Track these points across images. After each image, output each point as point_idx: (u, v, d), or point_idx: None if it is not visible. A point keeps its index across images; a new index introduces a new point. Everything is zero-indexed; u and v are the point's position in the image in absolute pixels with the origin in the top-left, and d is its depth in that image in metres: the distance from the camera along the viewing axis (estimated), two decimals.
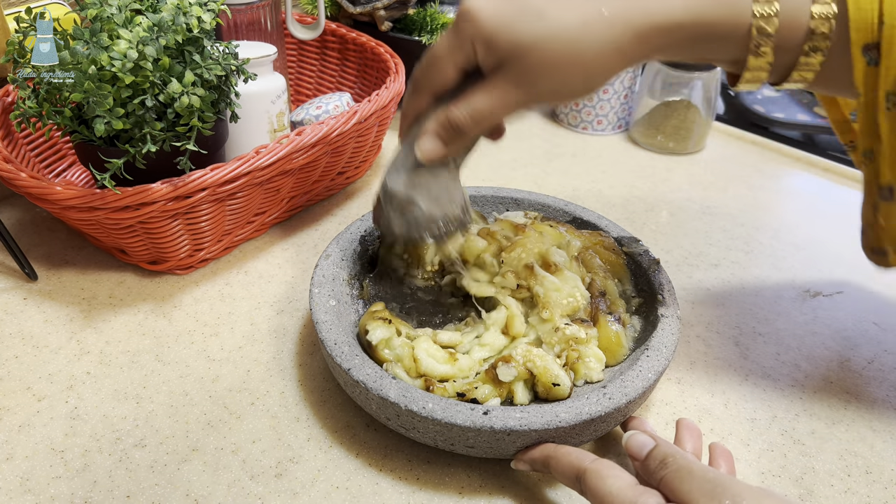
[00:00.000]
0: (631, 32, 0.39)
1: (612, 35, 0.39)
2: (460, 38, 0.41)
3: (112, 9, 0.51)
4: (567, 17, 0.39)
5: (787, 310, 0.62)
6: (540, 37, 0.39)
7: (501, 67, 0.41)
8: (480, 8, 0.40)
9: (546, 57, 0.39)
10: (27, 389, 0.51)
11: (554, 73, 0.40)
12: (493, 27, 0.40)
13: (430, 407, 0.42)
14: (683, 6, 0.39)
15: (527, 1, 0.39)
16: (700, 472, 0.36)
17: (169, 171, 0.55)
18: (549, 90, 0.41)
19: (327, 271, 0.53)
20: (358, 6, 0.81)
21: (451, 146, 0.45)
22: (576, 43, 0.39)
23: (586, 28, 0.39)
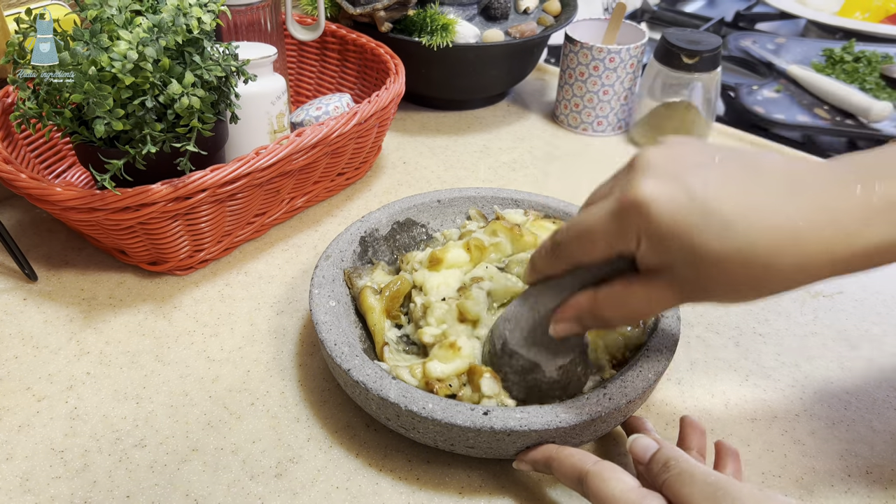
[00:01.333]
0: (828, 260, 0.33)
1: (805, 262, 0.34)
2: (625, 227, 0.36)
3: (112, 10, 0.51)
4: (756, 236, 0.33)
5: (787, 310, 0.62)
6: (725, 254, 0.33)
7: (666, 272, 0.36)
8: (655, 201, 0.34)
9: (727, 274, 0.34)
10: (27, 390, 0.51)
11: (731, 289, 0.35)
12: (668, 229, 0.34)
13: (431, 407, 0.42)
14: (887, 230, 0.33)
15: (710, 205, 0.34)
16: (702, 475, 0.36)
17: (169, 172, 0.55)
18: (719, 299, 0.37)
19: (327, 272, 0.53)
20: (358, 7, 0.81)
21: (590, 329, 0.42)
22: (763, 267, 0.34)
23: (778, 253, 0.33)
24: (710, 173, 0.35)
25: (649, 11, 1.28)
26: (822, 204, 0.34)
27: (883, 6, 1.24)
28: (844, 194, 0.34)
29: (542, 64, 1.05)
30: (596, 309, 0.39)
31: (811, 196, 0.34)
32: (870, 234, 0.33)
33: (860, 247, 0.33)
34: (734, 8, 1.32)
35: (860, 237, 0.33)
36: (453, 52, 0.81)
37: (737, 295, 0.36)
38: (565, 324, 0.41)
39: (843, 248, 0.33)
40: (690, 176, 0.35)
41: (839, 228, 0.33)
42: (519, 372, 0.45)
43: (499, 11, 0.88)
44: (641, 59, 0.85)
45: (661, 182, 0.35)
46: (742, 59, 1.08)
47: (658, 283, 0.37)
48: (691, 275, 0.35)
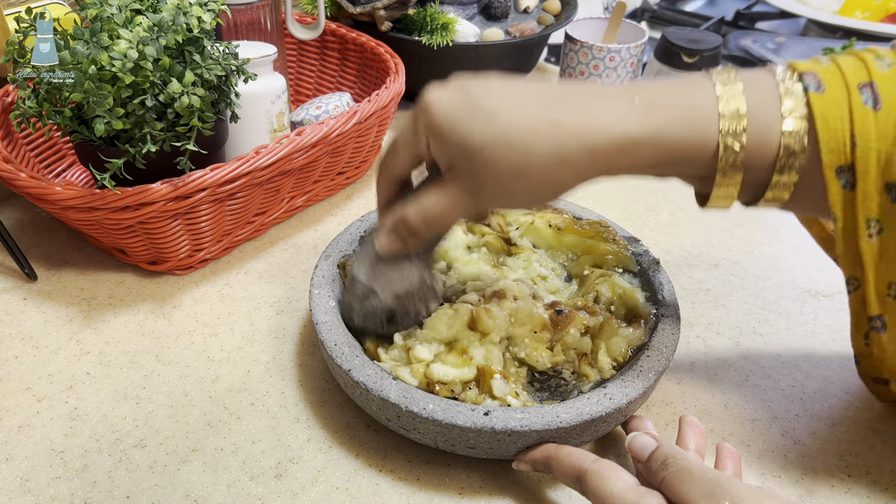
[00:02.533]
0: (583, 149, 0.36)
1: (562, 149, 0.36)
2: (416, 128, 0.40)
3: (112, 9, 0.51)
4: (517, 123, 0.37)
5: (787, 310, 0.62)
6: (488, 140, 0.37)
7: (453, 168, 0.40)
8: (437, 101, 0.39)
9: (493, 162, 0.37)
10: (27, 390, 0.51)
11: (499, 179, 0.38)
12: (445, 123, 0.38)
13: (431, 408, 0.42)
14: (640, 123, 0.36)
15: (482, 101, 0.38)
16: (700, 473, 0.36)
17: (169, 171, 0.55)
18: (496, 198, 0.39)
19: (327, 272, 0.53)
20: (358, 6, 0.81)
21: (408, 243, 0.45)
22: (522, 152, 0.37)
23: (535, 137, 0.36)
24: (492, 83, 0.39)
25: (649, 10, 1.28)
26: (583, 104, 0.37)
27: (883, 5, 1.23)
28: (605, 99, 0.37)
29: (542, 63, 1.05)
30: (405, 217, 0.43)
31: (576, 99, 0.37)
32: (623, 127, 0.36)
33: (614, 138, 0.36)
34: (734, 7, 1.32)
35: (613, 129, 0.36)
36: (453, 51, 0.81)
37: (509, 191, 0.38)
38: (383, 236, 0.45)
39: (596, 137, 0.36)
40: (472, 84, 0.39)
41: (594, 120, 0.36)
42: (359, 298, 0.48)
43: (499, 10, 0.88)
44: (642, 58, 0.85)
45: (445, 89, 0.39)
46: (742, 58, 1.08)
47: (446, 185, 0.41)
48: (467, 168, 0.38)
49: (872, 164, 0.35)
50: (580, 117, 0.36)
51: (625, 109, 0.36)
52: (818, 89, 0.36)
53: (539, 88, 0.38)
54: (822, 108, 0.35)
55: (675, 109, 0.36)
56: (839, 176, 0.36)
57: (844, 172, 0.36)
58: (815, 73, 0.36)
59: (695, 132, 0.36)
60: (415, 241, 0.44)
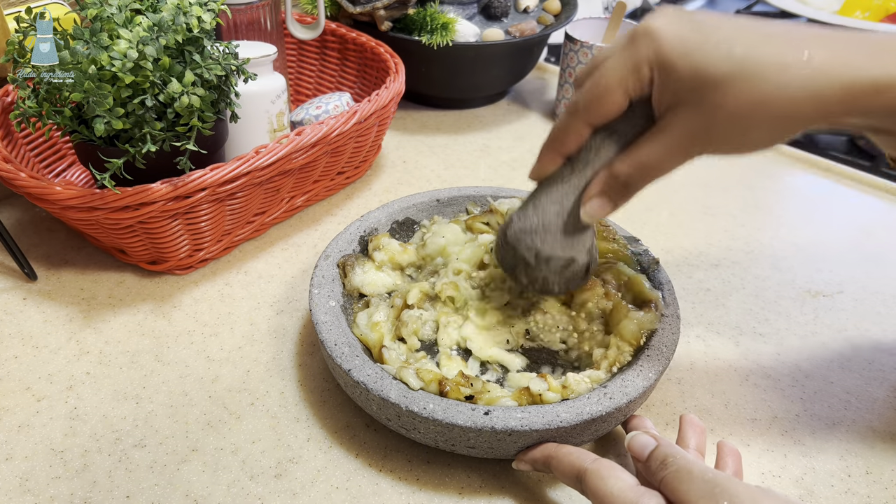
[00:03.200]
0: (839, 86, 0.34)
1: (814, 85, 0.34)
2: (636, 59, 0.36)
3: (112, 8, 0.51)
4: (764, 56, 0.34)
5: (787, 310, 0.62)
6: (729, 73, 0.34)
7: (678, 107, 0.36)
8: (662, 27, 0.35)
9: (733, 96, 0.34)
10: (27, 390, 0.51)
11: (738, 115, 0.35)
12: (677, 52, 0.35)
13: (431, 408, 0.42)
14: (874, 70, 0.34)
15: (717, 32, 0.34)
16: (699, 472, 0.36)
17: (169, 171, 0.54)
18: (730, 138, 0.36)
19: (327, 272, 0.53)
20: (358, 6, 0.81)
21: (621, 204, 0.41)
22: (771, 87, 0.34)
23: (786, 72, 0.34)
24: (718, 16, 0.36)
25: (649, 10, 1.28)
26: (831, 44, 0.34)
27: (883, 5, 1.23)
28: (854, 38, 0.35)
29: (542, 63, 1.05)
30: (614, 171, 0.39)
31: (820, 39, 0.35)
32: (876, 67, 0.34)
33: (867, 78, 0.34)
34: (734, 7, 1.32)
35: (869, 69, 0.34)
36: (453, 51, 0.81)
37: (747, 129, 0.35)
38: (594, 201, 0.41)
39: (854, 75, 0.34)
40: (698, 15, 0.36)
41: (849, 59, 0.34)
42: (558, 272, 0.46)
43: (499, 10, 0.88)
44: None
45: (668, 17, 0.36)
46: None
47: (667, 126, 0.37)
48: (698, 105, 0.35)
49: None
50: (834, 55, 0.34)
51: (874, 50, 0.34)
52: None
53: (771, 24, 0.36)
54: None
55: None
56: None
57: None
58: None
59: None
60: (627, 199, 0.40)
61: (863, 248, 0.70)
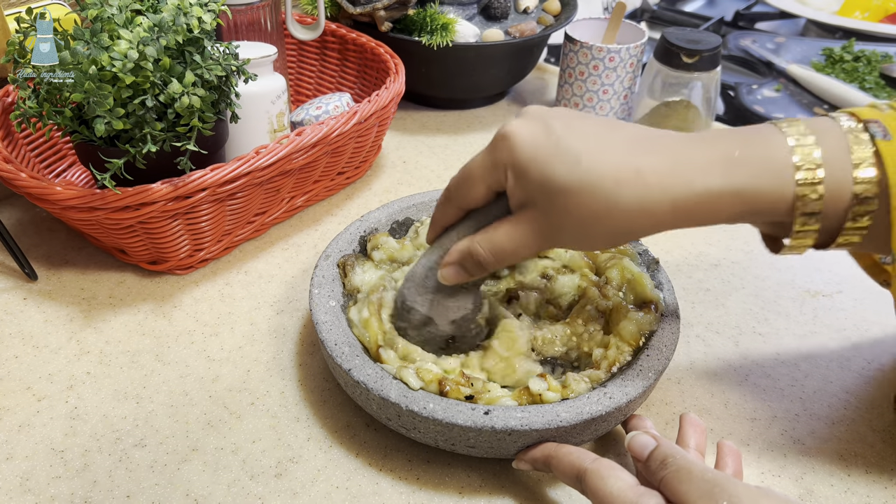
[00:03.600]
0: (667, 201, 0.37)
1: (645, 199, 0.37)
2: (495, 160, 0.40)
3: (112, 9, 0.51)
4: (601, 169, 0.37)
5: (786, 310, 0.62)
6: (572, 184, 0.37)
7: (528, 206, 0.40)
8: (518, 135, 0.39)
9: (574, 206, 0.37)
10: (27, 389, 0.51)
11: (579, 223, 0.38)
12: (527, 159, 0.38)
13: (431, 407, 0.42)
14: (723, 178, 0.37)
15: (565, 142, 0.38)
16: (699, 472, 0.36)
17: (169, 171, 0.55)
18: (572, 239, 0.40)
19: (327, 272, 0.53)
20: (358, 6, 0.81)
21: (474, 276, 0.44)
22: (606, 199, 0.37)
23: (619, 186, 0.37)
24: (573, 121, 0.39)
25: (649, 11, 1.28)
26: (666, 155, 0.38)
27: (882, 5, 1.23)
28: (688, 150, 0.38)
29: (542, 63, 1.05)
30: (472, 250, 0.43)
31: (657, 149, 0.38)
32: (707, 180, 0.37)
33: (697, 191, 0.37)
34: (734, 7, 1.32)
35: (697, 182, 0.37)
36: (453, 52, 0.81)
37: (588, 235, 0.39)
38: (449, 268, 0.45)
39: (681, 189, 0.37)
40: (554, 119, 0.39)
41: (679, 173, 0.37)
42: (416, 326, 0.48)
43: (499, 11, 0.88)
44: (641, 58, 0.85)
45: (527, 121, 0.40)
46: (742, 59, 1.08)
47: (519, 220, 0.41)
48: (545, 208, 0.39)
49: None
50: (664, 168, 0.37)
51: (706, 163, 0.37)
52: (885, 137, 0.36)
53: (621, 132, 0.39)
54: (891, 154, 0.36)
55: (754, 163, 0.37)
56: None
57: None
58: (880, 122, 0.37)
59: (774, 184, 0.37)
60: (481, 274, 0.44)
61: None
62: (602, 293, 0.51)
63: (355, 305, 0.51)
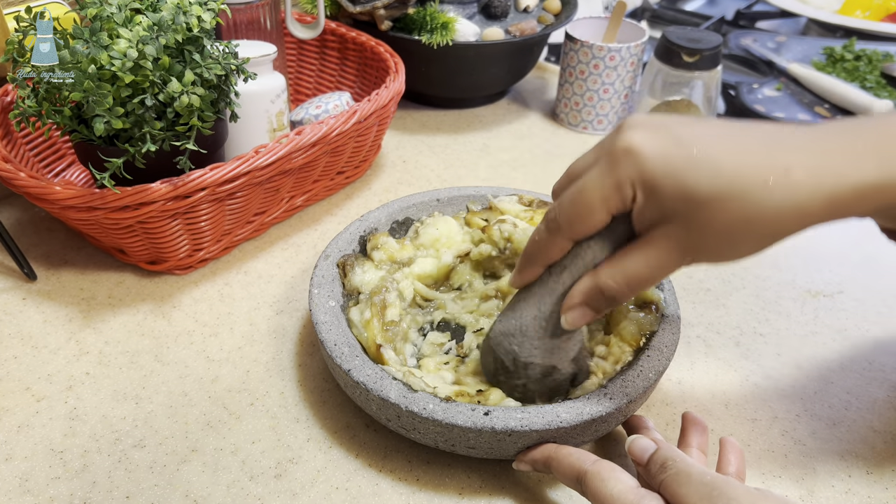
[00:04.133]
0: (820, 197, 0.34)
1: (797, 199, 0.34)
2: (619, 179, 0.36)
3: (112, 8, 0.51)
4: (747, 175, 0.34)
5: (787, 310, 0.61)
6: (716, 193, 0.34)
7: (663, 224, 0.36)
8: (644, 145, 0.35)
9: (720, 216, 0.34)
10: (26, 390, 0.51)
11: (725, 234, 0.35)
12: (662, 172, 0.35)
13: (431, 408, 0.42)
14: (877, 168, 0.34)
15: (696, 146, 0.34)
16: (698, 475, 0.36)
17: (169, 170, 0.54)
18: (719, 252, 0.36)
19: (327, 272, 0.52)
20: (358, 5, 0.81)
21: (603, 313, 0.40)
22: (756, 204, 0.34)
23: (768, 189, 0.34)
24: (696, 127, 0.36)
25: (650, 10, 1.28)
26: (812, 150, 0.35)
27: (884, 5, 1.23)
28: (831, 141, 0.35)
29: (543, 62, 1.05)
30: (600, 285, 0.39)
31: (799, 144, 0.35)
32: (859, 172, 0.34)
33: (851, 185, 0.34)
34: (735, 6, 1.31)
35: (850, 176, 0.34)
36: (453, 51, 0.81)
37: (734, 244, 0.35)
38: (576, 311, 0.40)
39: (833, 183, 0.34)
40: (677, 127, 0.36)
41: (829, 167, 0.34)
42: (538, 380, 0.44)
43: (499, 10, 0.88)
44: (642, 57, 0.85)
45: (648, 132, 0.36)
46: (743, 58, 1.07)
47: (654, 241, 0.37)
48: (685, 223, 0.35)
49: None
50: (813, 164, 0.34)
51: (856, 155, 0.34)
52: None
53: (754, 131, 0.36)
54: None
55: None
56: None
57: None
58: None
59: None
60: (610, 309, 0.41)
61: (863, 247, 0.70)
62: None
63: (356, 306, 0.51)
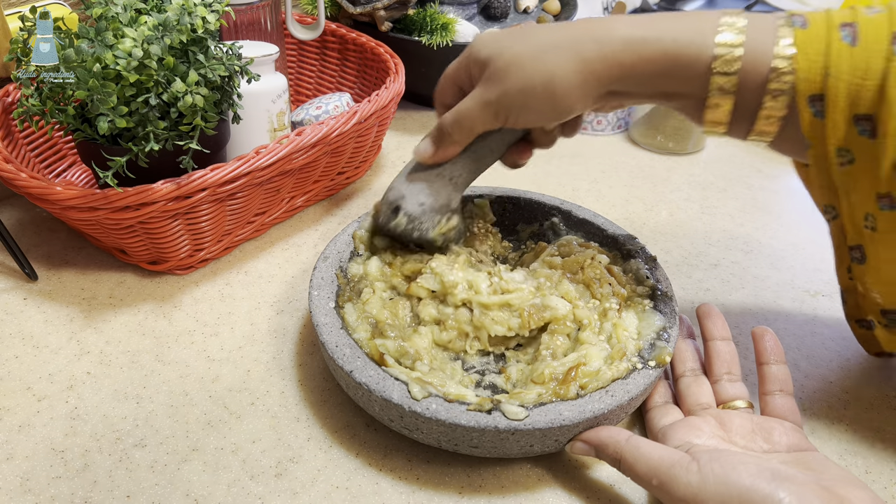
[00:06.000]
0: (596, 47, 0.42)
1: (579, 52, 0.42)
2: (462, 60, 0.48)
3: (117, 7, 0.51)
4: (544, 41, 0.43)
5: (787, 310, 0.62)
6: (516, 52, 0.44)
7: (481, 75, 0.46)
8: (482, 37, 0.47)
9: (517, 67, 0.43)
10: (27, 389, 0.51)
11: (523, 84, 0.43)
12: (484, 47, 0.46)
13: (434, 408, 0.42)
14: (646, 28, 0.41)
15: (518, 32, 0.45)
16: None
17: (171, 170, 0.55)
18: (519, 103, 0.44)
19: (326, 273, 0.53)
20: (358, 6, 0.81)
21: (442, 149, 0.50)
22: (538, 55, 0.43)
23: (558, 50, 0.43)
24: (530, 26, 0.46)
25: (649, 10, 1.28)
26: (601, 23, 0.43)
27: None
28: (619, 20, 0.43)
29: None
30: (440, 122, 0.49)
31: (596, 23, 0.43)
32: (631, 29, 0.41)
33: (622, 36, 0.41)
34: (734, 7, 1.32)
35: (621, 30, 0.42)
36: (453, 52, 0.81)
37: (531, 97, 0.44)
38: (423, 142, 0.51)
39: (608, 37, 0.42)
40: (514, 27, 0.47)
41: (607, 27, 0.42)
42: (388, 204, 0.53)
43: (498, 10, 0.88)
44: None
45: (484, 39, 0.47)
46: None
47: (476, 89, 0.46)
48: (492, 67, 0.45)
49: (842, 96, 0.38)
50: (597, 29, 0.42)
51: (635, 21, 0.42)
52: (803, 26, 0.39)
53: (568, 26, 0.44)
54: (802, 41, 0.38)
55: (681, 23, 0.41)
56: (811, 104, 0.38)
57: (816, 101, 0.38)
58: (804, 15, 0.39)
59: (695, 40, 0.40)
60: (448, 145, 0.50)
61: None
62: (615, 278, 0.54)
63: (349, 304, 0.51)
